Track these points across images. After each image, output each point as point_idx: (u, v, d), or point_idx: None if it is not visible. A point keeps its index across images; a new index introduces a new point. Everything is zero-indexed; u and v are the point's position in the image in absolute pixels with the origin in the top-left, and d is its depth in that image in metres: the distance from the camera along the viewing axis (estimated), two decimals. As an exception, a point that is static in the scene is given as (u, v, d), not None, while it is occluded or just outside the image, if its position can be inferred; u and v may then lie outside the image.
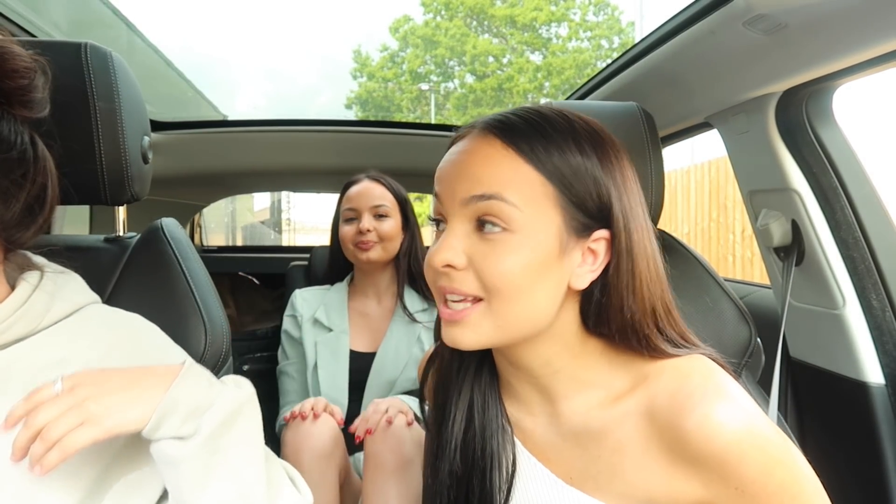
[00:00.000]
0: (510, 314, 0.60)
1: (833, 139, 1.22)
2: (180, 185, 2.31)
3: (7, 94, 0.63)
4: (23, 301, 0.66)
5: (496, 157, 0.60)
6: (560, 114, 0.63)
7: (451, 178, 0.62)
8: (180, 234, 0.98)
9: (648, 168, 1.01)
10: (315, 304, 1.63)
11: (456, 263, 0.60)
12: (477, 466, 0.70)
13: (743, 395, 0.60)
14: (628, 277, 0.61)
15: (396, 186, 1.63)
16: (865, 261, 1.21)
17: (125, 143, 0.86)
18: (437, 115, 21.13)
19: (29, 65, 0.65)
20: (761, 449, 0.57)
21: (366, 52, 22.31)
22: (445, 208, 0.62)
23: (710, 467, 0.58)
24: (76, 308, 0.70)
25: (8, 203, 0.63)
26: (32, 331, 0.66)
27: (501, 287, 0.58)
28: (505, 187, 0.58)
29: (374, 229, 1.56)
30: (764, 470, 0.57)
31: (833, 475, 0.74)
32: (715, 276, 1.00)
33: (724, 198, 5.96)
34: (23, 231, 0.66)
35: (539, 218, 0.59)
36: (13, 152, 0.63)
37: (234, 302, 2.83)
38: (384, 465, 1.20)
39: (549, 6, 20.54)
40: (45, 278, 0.69)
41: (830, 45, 0.95)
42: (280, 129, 1.91)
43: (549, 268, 0.59)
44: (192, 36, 49.02)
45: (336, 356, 1.53)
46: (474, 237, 0.60)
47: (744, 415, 0.58)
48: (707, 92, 1.27)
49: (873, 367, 1.19)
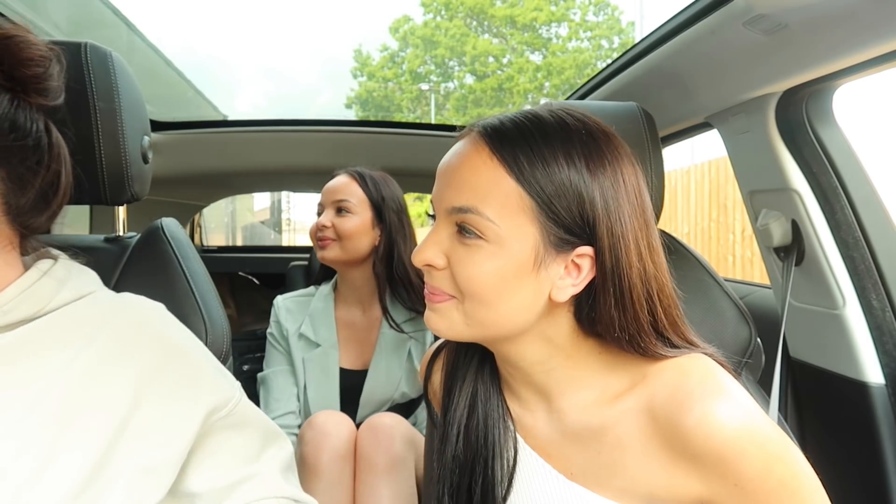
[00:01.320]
0: (479, 315, 0.62)
1: (833, 139, 1.22)
2: (180, 185, 2.31)
3: (23, 83, 0.65)
4: (29, 284, 0.66)
5: (481, 167, 0.61)
6: (558, 119, 0.63)
7: (441, 183, 0.65)
8: (180, 234, 0.98)
9: (648, 168, 1.01)
10: (299, 315, 1.53)
11: (435, 263, 0.63)
12: (480, 454, 0.71)
13: (743, 393, 0.60)
14: (617, 295, 0.61)
15: (376, 184, 1.51)
16: (865, 261, 1.21)
17: (125, 143, 0.86)
18: (437, 115, 21.14)
19: (45, 53, 0.67)
20: (760, 446, 0.57)
21: (366, 51, 22.32)
22: (435, 209, 0.66)
23: (709, 464, 0.58)
24: (83, 294, 0.71)
25: (24, 189, 0.64)
26: (37, 313, 0.66)
27: (472, 291, 0.61)
28: (482, 201, 0.60)
29: (332, 225, 1.46)
30: (763, 467, 0.57)
31: (833, 475, 0.74)
32: (715, 277, 1.00)
33: (724, 198, 5.96)
34: (37, 216, 0.67)
35: (515, 231, 0.59)
36: (28, 139, 0.64)
37: (234, 302, 2.84)
38: (375, 465, 1.20)
39: (549, 6, 20.55)
40: (58, 265, 0.70)
41: (830, 45, 0.95)
42: (280, 129, 1.91)
43: (522, 278, 0.60)
44: (192, 36, 49.04)
45: (326, 374, 1.47)
46: (455, 240, 0.63)
47: (743, 413, 0.58)
48: (707, 92, 1.27)
49: (873, 367, 1.19)
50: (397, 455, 1.22)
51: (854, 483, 1.22)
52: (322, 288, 1.58)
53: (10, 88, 0.64)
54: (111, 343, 0.67)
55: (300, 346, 1.50)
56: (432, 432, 0.89)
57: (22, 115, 0.64)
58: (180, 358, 0.70)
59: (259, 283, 2.87)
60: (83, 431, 0.62)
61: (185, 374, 0.69)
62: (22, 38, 0.66)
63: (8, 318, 0.64)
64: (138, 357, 0.67)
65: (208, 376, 0.72)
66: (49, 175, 0.67)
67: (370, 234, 1.48)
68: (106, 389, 0.64)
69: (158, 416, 0.65)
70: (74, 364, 0.64)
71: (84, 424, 0.62)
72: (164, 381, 0.67)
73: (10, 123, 0.63)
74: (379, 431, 1.23)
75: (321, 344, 1.48)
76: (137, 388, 0.65)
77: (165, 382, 0.67)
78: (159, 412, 0.66)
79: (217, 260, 2.64)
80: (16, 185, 0.64)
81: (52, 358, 0.64)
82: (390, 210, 1.50)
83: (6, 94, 0.63)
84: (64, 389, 0.63)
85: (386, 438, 1.22)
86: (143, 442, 0.64)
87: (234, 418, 0.71)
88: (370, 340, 1.51)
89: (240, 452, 0.71)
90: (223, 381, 0.73)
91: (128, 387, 0.65)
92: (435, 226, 0.65)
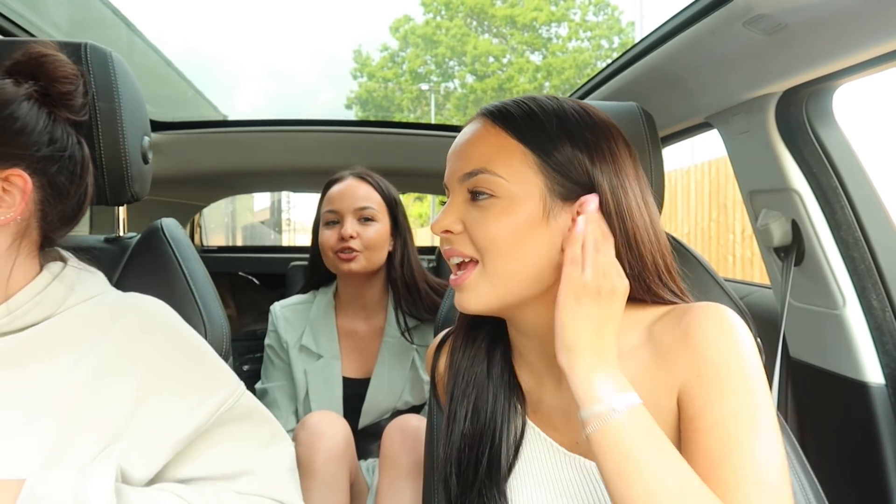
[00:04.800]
0: (502, 272, 0.66)
1: (833, 139, 1.22)
2: (180, 185, 2.31)
3: (55, 99, 0.71)
4: (41, 289, 0.69)
5: (485, 135, 0.69)
6: (552, 97, 0.70)
7: (451, 160, 0.72)
8: (180, 234, 0.98)
9: (648, 168, 1.01)
10: (299, 325, 1.48)
11: (452, 228, 0.69)
12: (488, 428, 0.74)
13: (742, 325, 0.63)
14: (623, 237, 0.66)
15: (385, 185, 1.45)
16: (865, 261, 1.21)
17: (125, 143, 0.86)
18: (437, 115, 21.13)
19: (74, 72, 0.74)
20: (735, 349, 0.61)
21: (366, 52, 22.34)
22: (448, 185, 0.72)
23: (681, 350, 0.62)
24: (91, 296, 0.73)
25: (60, 199, 0.70)
26: (47, 317, 0.69)
27: (491, 246, 0.66)
28: (490, 161, 0.66)
29: (358, 235, 1.38)
30: (729, 359, 0.60)
31: (833, 475, 0.74)
32: (715, 276, 1.00)
33: (724, 198, 5.95)
34: (65, 227, 0.73)
35: (522, 184, 0.65)
36: (66, 152, 0.70)
37: (234, 302, 2.84)
38: (400, 465, 1.19)
39: (549, 6, 20.55)
40: (68, 269, 0.73)
41: (830, 45, 0.95)
42: (280, 129, 1.91)
43: (534, 229, 0.65)
44: (193, 36, 49.07)
45: (329, 385, 1.43)
46: (469, 205, 0.68)
47: (732, 323, 0.62)
48: (707, 92, 1.27)
49: (873, 367, 1.19)
50: (421, 457, 1.21)
51: (854, 483, 1.22)
52: (320, 295, 1.53)
53: (46, 104, 0.70)
54: (117, 342, 0.68)
55: (301, 357, 1.46)
56: (433, 420, 0.90)
57: (59, 128, 0.70)
58: (188, 354, 0.72)
59: (259, 283, 2.87)
60: (87, 431, 0.63)
61: (194, 369, 0.71)
62: (56, 56, 0.72)
63: (20, 322, 0.67)
64: (145, 355, 0.69)
65: (216, 371, 0.73)
66: (82, 187, 0.73)
67: (389, 241, 1.44)
68: (112, 388, 0.66)
69: (165, 409, 0.67)
70: (81, 364, 0.66)
71: (88, 424, 0.63)
72: (173, 376, 0.69)
73: (49, 136, 0.69)
74: (407, 433, 1.22)
75: (323, 355, 1.45)
76: (143, 384, 0.67)
77: (174, 377, 0.69)
78: (167, 406, 0.67)
79: (217, 260, 2.64)
80: (54, 192, 0.69)
81: (60, 359, 0.66)
82: (401, 214, 1.45)
83: (44, 108, 0.70)
84: (70, 389, 0.64)
85: (413, 440, 1.21)
86: (146, 434, 0.65)
87: (238, 410, 0.73)
88: (373, 349, 1.47)
89: (240, 444, 0.72)
90: (229, 375, 0.75)
91: (133, 384, 0.66)
92: (449, 198, 0.71)
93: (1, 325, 0.66)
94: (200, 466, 0.69)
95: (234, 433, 0.72)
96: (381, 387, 1.44)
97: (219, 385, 0.72)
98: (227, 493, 0.69)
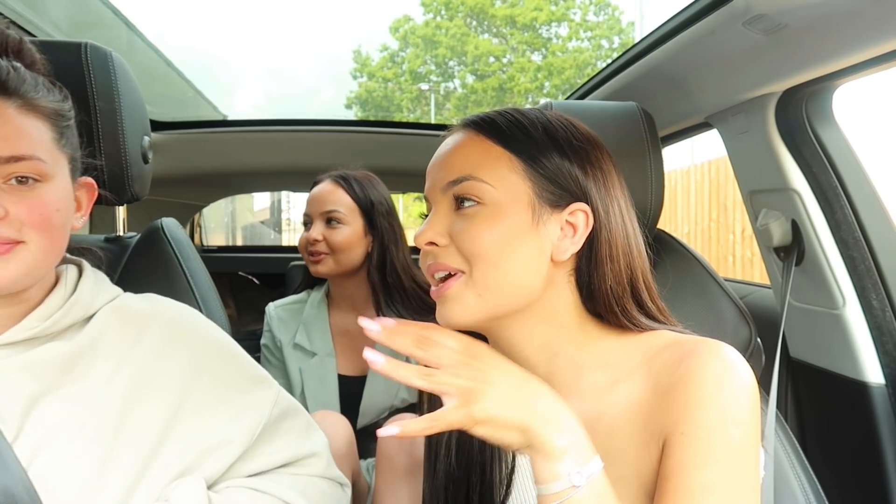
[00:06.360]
0: (489, 280, 0.63)
1: (833, 139, 1.22)
2: (180, 185, 2.31)
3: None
4: (71, 291, 0.70)
5: (469, 143, 0.67)
6: (537, 110, 0.70)
7: (432, 171, 0.69)
8: (180, 234, 0.98)
9: (648, 168, 1.01)
10: (292, 324, 1.49)
11: (437, 241, 0.66)
12: (475, 463, 0.71)
13: (746, 369, 0.61)
14: (607, 247, 0.65)
15: (363, 188, 1.45)
16: (865, 261, 1.21)
17: (125, 143, 0.87)
18: (437, 115, 21.13)
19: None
20: (729, 410, 0.57)
21: (366, 52, 22.32)
22: (430, 197, 0.69)
23: (674, 398, 0.59)
24: (113, 297, 0.74)
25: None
26: (83, 317, 0.70)
27: (479, 254, 0.63)
28: (475, 168, 0.65)
29: (323, 238, 1.41)
30: (716, 425, 0.57)
31: (833, 475, 0.74)
32: (715, 276, 1.00)
33: (724, 198, 5.95)
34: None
35: (509, 190, 0.64)
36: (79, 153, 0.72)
37: (234, 302, 2.83)
38: (397, 466, 1.19)
39: (549, 6, 20.55)
40: (87, 270, 0.74)
41: (830, 45, 0.95)
42: (280, 129, 1.91)
43: (523, 236, 0.63)
44: (193, 35, 48.99)
45: (324, 383, 1.43)
46: (454, 216, 0.66)
47: (733, 375, 0.59)
48: (707, 92, 1.27)
49: (873, 367, 1.19)
50: (419, 457, 1.21)
51: (854, 483, 1.22)
52: (314, 294, 1.54)
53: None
54: (155, 344, 0.70)
55: (296, 356, 1.46)
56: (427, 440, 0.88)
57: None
58: (227, 352, 0.75)
59: (259, 282, 2.86)
60: (137, 429, 0.65)
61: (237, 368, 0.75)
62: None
63: (60, 324, 0.67)
64: (183, 354, 0.71)
65: (256, 371, 0.77)
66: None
67: (363, 242, 1.43)
68: (155, 387, 0.68)
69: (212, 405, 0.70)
70: (124, 365, 0.68)
71: (137, 422, 0.66)
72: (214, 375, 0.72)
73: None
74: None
75: (317, 353, 1.45)
76: (184, 384, 0.69)
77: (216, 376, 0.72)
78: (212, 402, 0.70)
79: (217, 260, 2.64)
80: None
81: (105, 362, 0.67)
82: (380, 215, 1.45)
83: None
84: (118, 392, 0.66)
85: (409, 440, 1.21)
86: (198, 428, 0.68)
87: (283, 405, 0.77)
88: (367, 346, 1.47)
89: (290, 435, 0.77)
90: (264, 372, 0.79)
91: (176, 382, 0.69)
92: (432, 210, 0.68)
93: (43, 329, 0.65)
94: (263, 463, 0.73)
95: (285, 426, 0.77)
96: (377, 383, 1.44)
97: (270, 381, 0.77)
98: (289, 477, 0.74)
